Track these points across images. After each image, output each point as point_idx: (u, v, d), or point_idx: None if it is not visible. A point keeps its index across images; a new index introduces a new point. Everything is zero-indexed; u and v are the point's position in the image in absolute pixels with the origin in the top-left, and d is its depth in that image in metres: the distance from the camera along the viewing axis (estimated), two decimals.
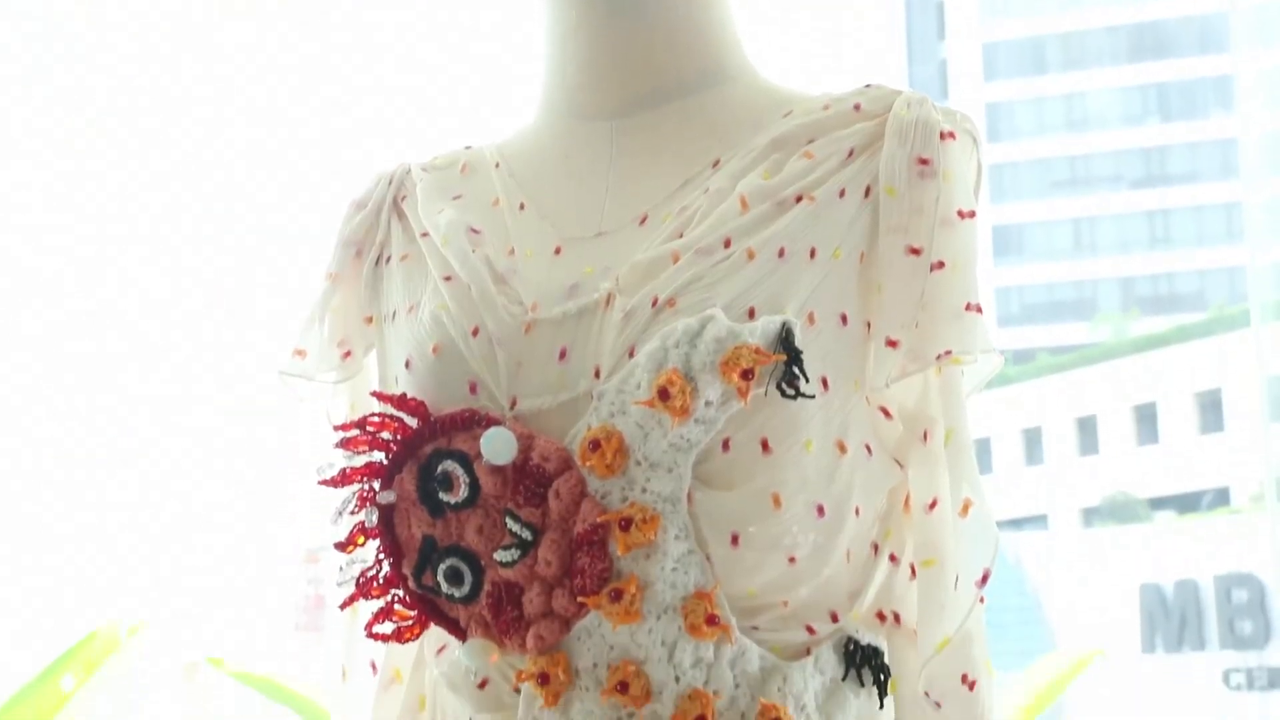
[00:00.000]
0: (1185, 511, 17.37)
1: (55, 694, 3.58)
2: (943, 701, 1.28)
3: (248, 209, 11.78)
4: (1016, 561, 15.14)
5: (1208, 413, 17.73)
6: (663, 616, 1.23)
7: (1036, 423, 19.61)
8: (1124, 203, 28.37)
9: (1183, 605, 13.33)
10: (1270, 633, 12.48)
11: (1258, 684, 12.45)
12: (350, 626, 1.43)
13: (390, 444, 1.30)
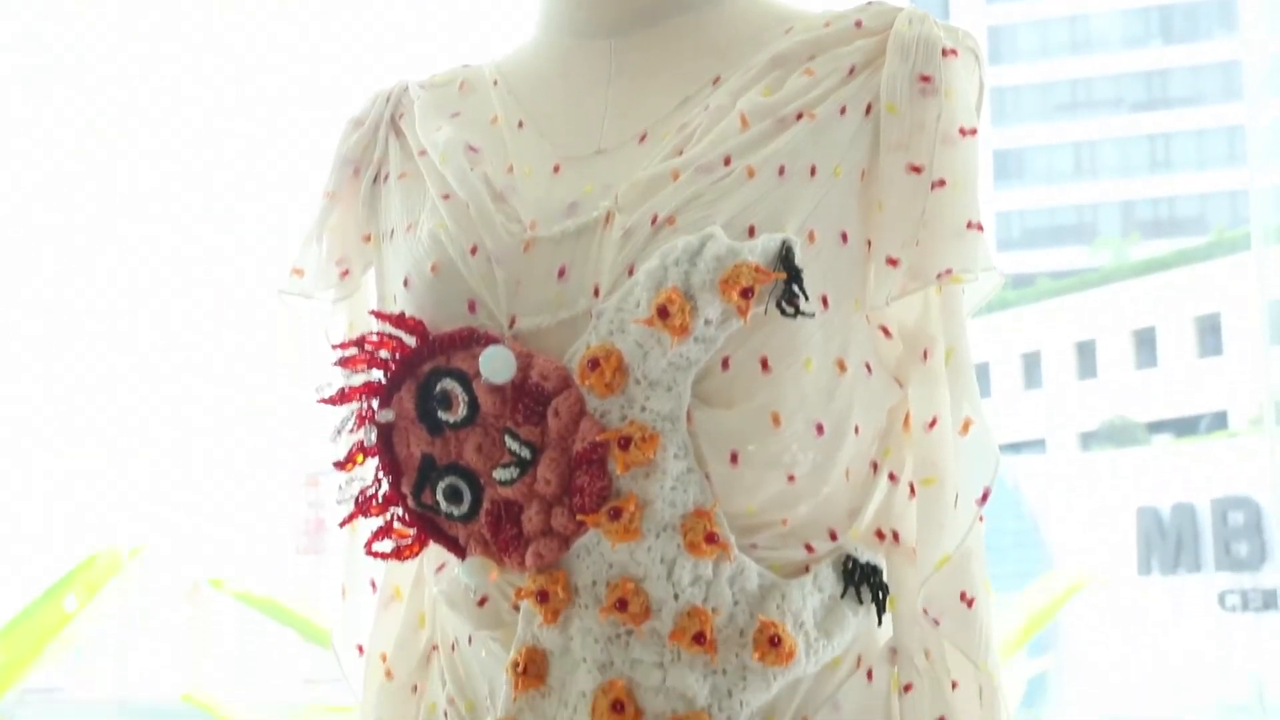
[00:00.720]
0: (1183, 435, 17.41)
1: (58, 614, 3.60)
2: (941, 619, 1.29)
3: (249, 118, 11.72)
4: (1014, 485, 15.19)
5: (1207, 337, 17.74)
6: (662, 534, 1.24)
7: (1035, 347, 19.62)
8: (1125, 126, 28.25)
9: (1179, 528, 13.39)
10: (1266, 555, 12.55)
11: (1252, 605, 12.53)
12: (350, 545, 1.44)
13: (389, 363, 1.30)
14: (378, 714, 1.41)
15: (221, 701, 3.87)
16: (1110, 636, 12.82)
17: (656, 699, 1.23)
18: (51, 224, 9.90)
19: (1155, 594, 13.21)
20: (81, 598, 3.67)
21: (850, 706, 1.29)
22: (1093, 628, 12.41)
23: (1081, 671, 11.97)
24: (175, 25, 11.33)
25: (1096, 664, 12.31)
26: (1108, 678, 12.50)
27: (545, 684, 1.26)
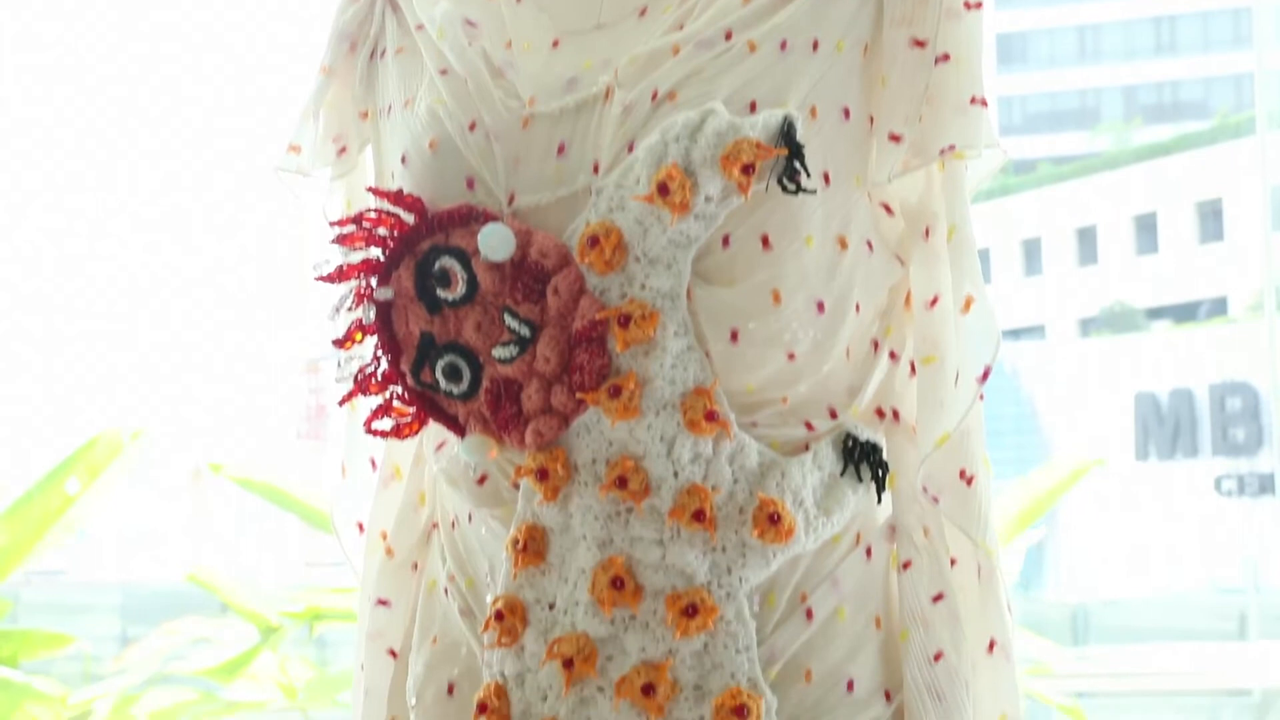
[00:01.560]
0: (1182, 321, 17.43)
1: (60, 497, 3.62)
2: (940, 496, 1.29)
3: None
4: (1013, 372, 15.22)
5: (1208, 222, 17.69)
6: (661, 412, 1.23)
7: (1036, 233, 19.57)
8: (1129, 8, 27.94)
9: (1177, 413, 13.44)
10: (1262, 439, 12.61)
11: (1248, 490, 12.62)
12: (349, 423, 1.44)
13: (387, 240, 1.29)
14: (378, 592, 1.42)
15: (224, 583, 3.91)
16: (1107, 520, 12.92)
17: (656, 576, 1.24)
18: (50, 117, 9.84)
19: (1152, 478, 13.29)
20: (83, 480, 3.69)
21: (849, 583, 1.29)
22: (1089, 510, 12.50)
23: (1077, 553, 12.08)
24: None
25: (1092, 546, 12.42)
26: (1103, 560, 12.63)
27: (545, 561, 1.27)
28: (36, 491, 3.61)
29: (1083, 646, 5.20)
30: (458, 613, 1.35)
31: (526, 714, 1.26)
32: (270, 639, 3.75)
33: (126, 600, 5.59)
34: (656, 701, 1.23)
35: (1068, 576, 12.27)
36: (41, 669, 3.66)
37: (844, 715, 1.27)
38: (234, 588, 3.88)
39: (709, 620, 1.23)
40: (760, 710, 1.23)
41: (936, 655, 1.29)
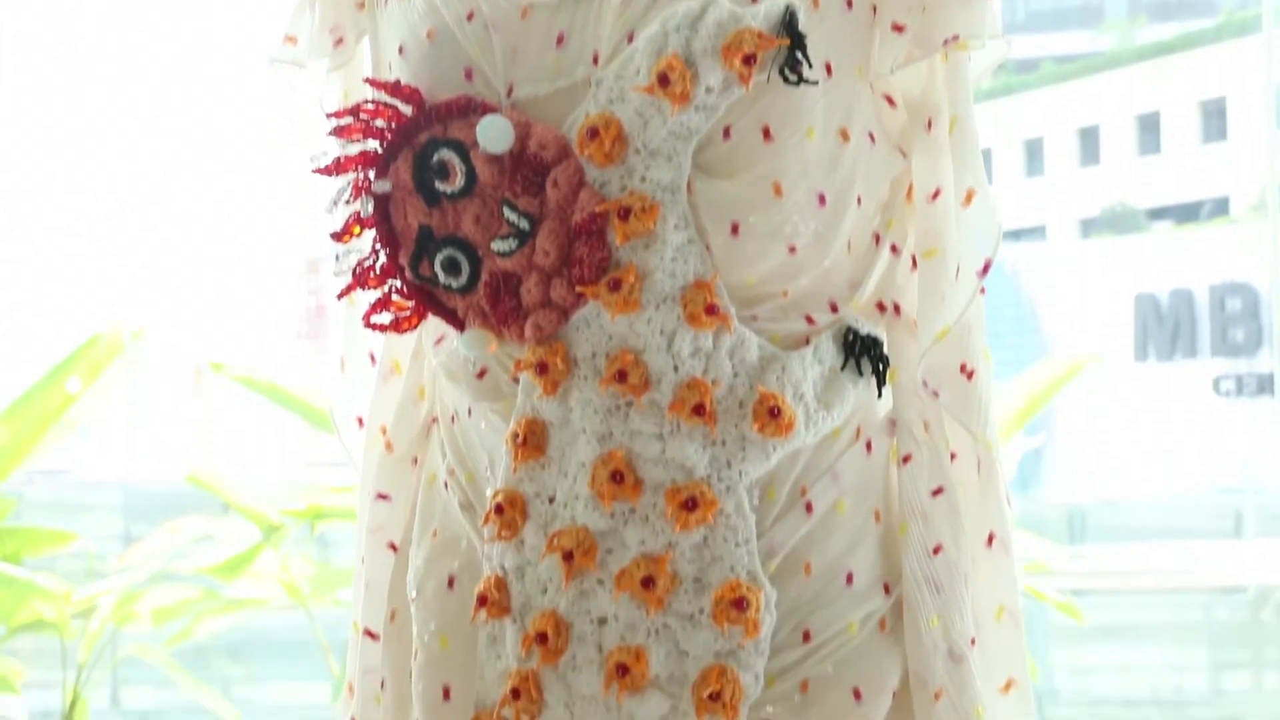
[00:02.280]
0: (1184, 222, 17.37)
1: (61, 395, 3.62)
2: (941, 390, 1.29)
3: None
4: (1013, 273, 15.20)
5: (1211, 121, 17.57)
6: (661, 306, 1.23)
7: (1038, 133, 19.46)
8: None
9: (1177, 314, 13.43)
10: (1261, 340, 12.61)
11: (1246, 390, 12.64)
12: (348, 317, 1.43)
13: (385, 132, 1.28)
14: (377, 486, 1.42)
15: (225, 483, 3.92)
16: (1104, 421, 12.96)
17: (656, 470, 1.24)
18: (49, 18, 9.74)
19: (1151, 380, 13.31)
20: (84, 380, 3.69)
21: (849, 477, 1.30)
22: (1087, 412, 12.54)
23: (1075, 454, 12.13)
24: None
25: (1090, 447, 12.47)
26: (1101, 461, 12.68)
27: (545, 455, 1.27)
28: (37, 390, 3.62)
29: (1079, 546, 5.23)
30: (458, 506, 1.35)
31: (526, 607, 1.27)
32: (272, 537, 3.77)
33: (129, 499, 5.61)
34: (656, 594, 1.24)
35: (1065, 477, 12.33)
36: (45, 566, 3.69)
37: (843, 608, 1.28)
38: (235, 487, 3.89)
39: (708, 514, 1.23)
40: (759, 603, 1.24)
41: (935, 548, 1.30)
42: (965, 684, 1.29)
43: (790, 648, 1.26)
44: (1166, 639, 4.96)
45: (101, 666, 3.55)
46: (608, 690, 1.24)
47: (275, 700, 4.83)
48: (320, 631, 3.72)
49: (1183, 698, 4.82)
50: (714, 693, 1.23)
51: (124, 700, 4.62)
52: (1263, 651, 4.65)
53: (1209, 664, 4.91)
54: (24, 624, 3.39)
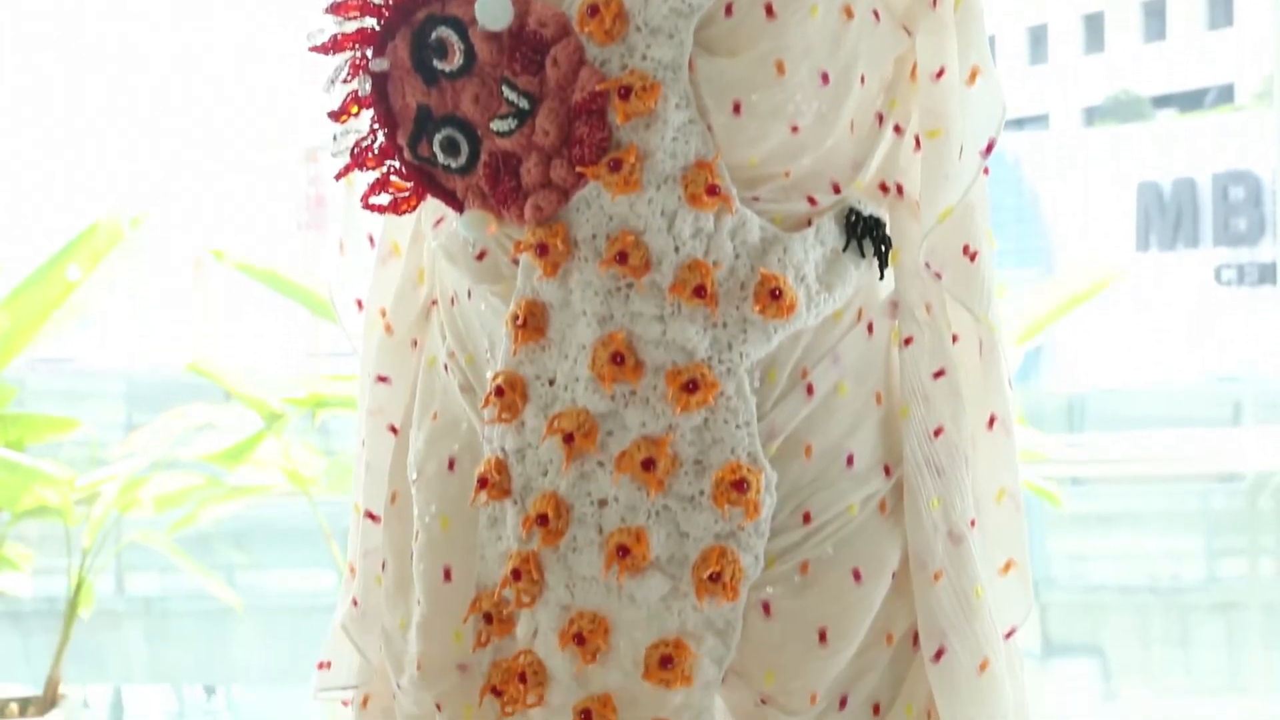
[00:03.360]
0: (1188, 110, 17.25)
1: (62, 283, 3.61)
2: (943, 272, 1.28)
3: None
4: (1015, 162, 15.11)
5: (1217, 7, 17.39)
6: (662, 186, 1.22)
7: (1042, 20, 19.27)
8: None
9: (1179, 203, 13.38)
10: (1264, 229, 12.56)
11: (1248, 279, 12.61)
12: (347, 199, 1.42)
13: (382, 9, 1.26)
14: (377, 368, 1.42)
15: (226, 371, 3.92)
16: (1105, 311, 12.93)
17: (656, 352, 1.24)
18: None
19: (1152, 269, 13.28)
20: (84, 267, 3.68)
21: (850, 359, 1.29)
22: (1088, 302, 12.52)
23: (1074, 344, 12.15)
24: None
25: (1090, 337, 12.48)
26: (1101, 351, 12.71)
27: (545, 337, 1.26)
28: (37, 277, 3.60)
29: (1078, 435, 5.24)
30: (458, 389, 1.35)
31: (527, 488, 1.27)
32: (274, 425, 3.78)
33: (131, 388, 5.61)
34: (656, 476, 1.24)
35: (1065, 368, 12.36)
36: (48, 453, 3.70)
37: (843, 489, 1.28)
38: (236, 375, 3.89)
39: (709, 396, 1.23)
40: (760, 484, 1.24)
41: (936, 430, 1.30)
42: (965, 565, 1.29)
43: (790, 529, 1.26)
44: (1163, 526, 4.98)
45: (105, 552, 3.57)
46: (608, 571, 1.25)
47: (278, 587, 4.86)
48: (323, 519, 3.74)
49: (1179, 584, 4.84)
50: (714, 574, 1.24)
51: (129, 586, 4.64)
52: (1259, 538, 4.67)
53: (1205, 551, 4.93)
54: (28, 510, 3.41)
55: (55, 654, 3.42)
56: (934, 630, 1.28)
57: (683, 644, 1.25)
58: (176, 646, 4.54)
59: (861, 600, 1.27)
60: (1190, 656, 4.70)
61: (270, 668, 4.54)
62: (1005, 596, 1.34)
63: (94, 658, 4.25)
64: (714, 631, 1.25)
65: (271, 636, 4.52)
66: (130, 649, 4.47)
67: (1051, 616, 4.66)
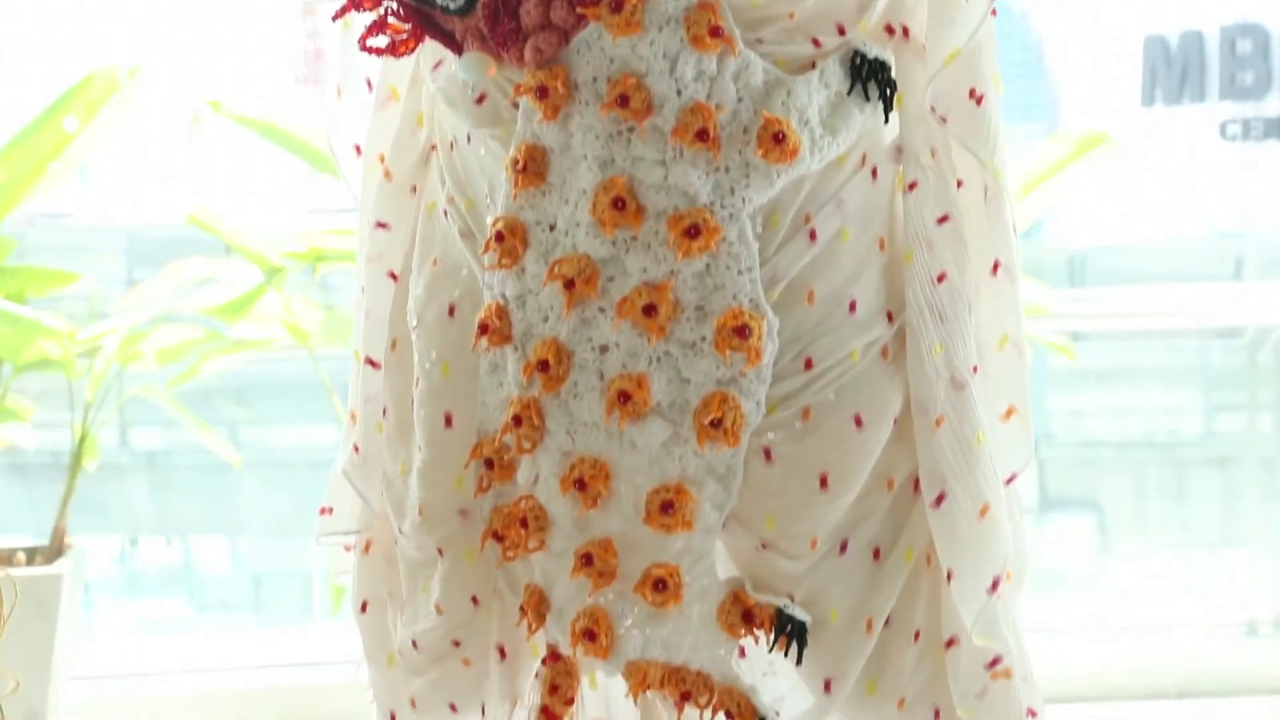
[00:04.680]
0: None
1: (58, 134, 3.57)
2: (949, 116, 1.27)
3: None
4: (1021, 14, 14.96)
5: None
6: (665, 28, 1.20)
7: None
8: None
9: (1186, 56, 13.28)
10: (1270, 83, 12.46)
11: (1253, 134, 12.53)
12: (344, 42, 1.40)
13: None
14: (376, 214, 1.41)
15: (226, 225, 3.90)
16: (1109, 167, 12.85)
17: (658, 196, 1.23)
18: None
19: (1157, 124, 13.20)
20: (81, 119, 3.64)
21: (853, 204, 1.28)
22: (1091, 158, 12.43)
23: (1078, 200, 12.10)
24: None
25: (1093, 193, 12.42)
26: (1104, 206, 12.64)
27: (545, 181, 1.25)
28: (34, 129, 3.56)
29: (1079, 290, 5.23)
30: (457, 234, 1.34)
31: (527, 334, 1.27)
32: (274, 279, 3.77)
33: (131, 243, 5.60)
34: (658, 322, 1.23)
35: (1067, 224, 12.31)
36: (48, 307, 3.69)
37: (846, 335, 1.27)
38: (236, 229, 3.87)
39: (711, 241, 1.22)
40: (762, 330, 1.23)
41: (940, 276, 1.29)
42: (966, 411, 1.29)
43: (792, 375, 1.26)
44: (1162, 382, 4.99)
45: (108, 406, 3.58)
46: (609, 417, 1.25)
47: (281, 443, 4.88)
48: (324, 374, 3.75)
49: (1176, 440, 4.86)
50: (715, 419, 1.24)
51: (132, 441, 4.67)
52: (1257, 394, 4.68)
53: (1203, 406, 4.95)
54: (30, 363, 3.41)
55: (61, 504, 3.44)
56: (935, 475, 1.28)
57: (684, 489, 1.25)
58: (181, 499, 4.58)
59: (862, 446, 1.27)
60: (1186, 511, 4.74)
61: (274, 521, 4.58)
62: (1006, 443, 1.34)
63: (99, 510, 4.29)
64: (715, 477, 1.25)
65: (274, 490, 4.55)
66: (135, 502, 4.51)
67: (1049, 472, 4.69)
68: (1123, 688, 3.83)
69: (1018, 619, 1.34)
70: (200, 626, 4.52)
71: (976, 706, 1.30)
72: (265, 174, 6.70)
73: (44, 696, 3.10)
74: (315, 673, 3.86)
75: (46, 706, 3.12)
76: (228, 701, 3.71)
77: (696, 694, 1.28)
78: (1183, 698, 3.82)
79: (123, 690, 3.77)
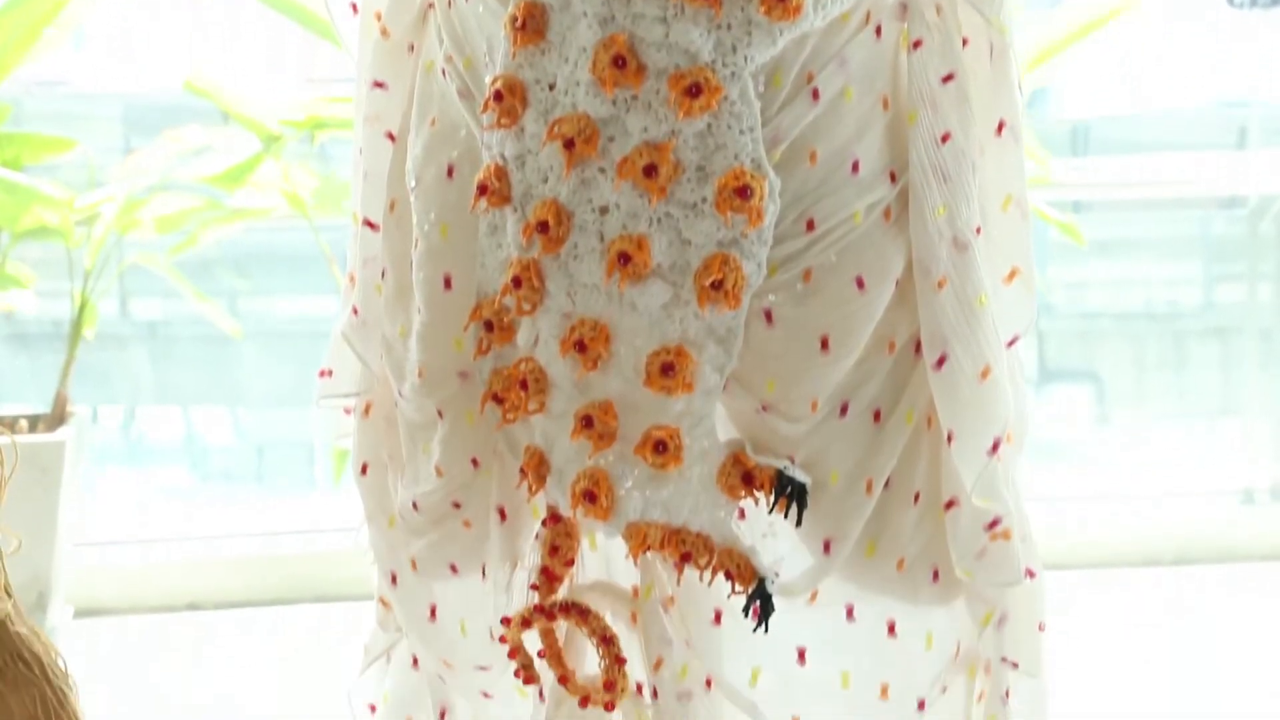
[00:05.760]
0: None
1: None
2: None
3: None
4: None
5: None
6: None
7: None
8: None
9: None
10: None
11: (1261, 1, 12.41)
12: None
13: None
14: (373, 74, 1.39)
15: (223, 92, 3.87)
16: (1113, 36, 12.72)
17: (659, 54, 1.21)
18: None
19: (1166, 5, 13.03)
20: None
21: (857, 63, 1.26)
22: (1097, 36, 12.30)
23: (1081, 71, 12.00)
24: None
25: (1096, 63, 12.31)
26: (1107, 76, 12.54)
27: (545, 40, 1.23)
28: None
29: (1082, 159, 5.20)
30: (455, 94, 1.32)
31: (527, 195, 1.26)
32: (272, 147, 3.74)
33: (128, 110, 5.55)
34: (658, 182, 1.22)
35: (1070, 94, 12.21)
36: (46, 174, 3.67)
37: (848, 196, 1.26)
38: (234, 97, 3.84)
39: (712, 100, 1.20)
40: (764, 191, 1.22)
41: (944, 136, 1.27)
42: (969, 272, 1.28)
43: (793, 236, 1.25)
44: (1163, 252, 4.98)
45: (108, 275, 3.58)
46: (609, 279, 1.24)
47: (281, 313, 4.88)
48: (324, 245, 3.73)
49: (1176, 310, 4.86)
50: (716, 281, 1.23)
51: (133, 311, 4.66)
52: (1258, 264, 4.67)
53: (1204, 277, 4.94)
54: (28, 230, 3.40)
55: (62, 372, 3.45)
56: (936, 337, 1.28)
57: (684, 351, 1.24)
58: (182, 370, 4.59)
59: (864, 308, 1.27)
60: (1185, 381, 4.75)
61: (275, 392, 4.59)
62: (1009, 304, 1.33)
63: (101, 380, 4.30)
64: (715, 339, 1.25)
65: (275, 361, 4.56)
66: (136, 372, 4.52)
67: (1049, 343, 4.69)
68: (1120, 555, 3.87)
69: (1018, 481, 1.34)
70: (203, 496, 4.55)
71: (975, 567, 1.31)
72: (264, 41, 6.63)
73: (49, 562, 3.13)
74: (317, 540, 3.90)
75: (52, 572, 3.15)
76: (231, 568, 3.75)
77: (696, 555, 1.28)
78: (1179, 565, 3.86)
79: (127, 557, 3.81)
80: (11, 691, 1.16)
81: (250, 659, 3.39)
